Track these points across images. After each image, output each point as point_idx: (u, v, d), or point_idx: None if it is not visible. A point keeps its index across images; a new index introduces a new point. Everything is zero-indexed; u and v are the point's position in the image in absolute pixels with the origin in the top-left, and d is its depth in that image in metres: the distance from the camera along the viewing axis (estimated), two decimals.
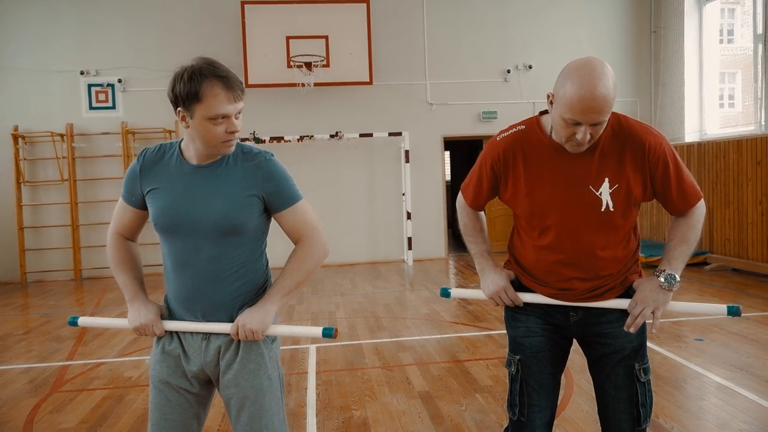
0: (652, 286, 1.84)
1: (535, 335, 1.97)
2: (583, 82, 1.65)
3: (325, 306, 6.71)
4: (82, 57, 9.34)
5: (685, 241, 1.87)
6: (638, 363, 1.92)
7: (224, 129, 1.71)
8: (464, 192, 2.10)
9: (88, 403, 3.89)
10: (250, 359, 1.84)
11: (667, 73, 9.80)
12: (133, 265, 1.93)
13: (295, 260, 1.85)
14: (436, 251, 10.07)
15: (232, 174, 1.79)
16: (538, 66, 9.97)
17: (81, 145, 9.36)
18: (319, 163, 9.75)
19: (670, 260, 1.86)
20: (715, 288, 6.84)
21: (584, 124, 1.69)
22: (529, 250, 1.95)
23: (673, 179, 1.83)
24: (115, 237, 1.93)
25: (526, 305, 1.98)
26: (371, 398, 3.80)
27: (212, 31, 9.40)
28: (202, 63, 1.72)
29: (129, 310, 1.88)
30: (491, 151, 1.95)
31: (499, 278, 1.99)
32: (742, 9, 12.83)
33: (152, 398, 1.87)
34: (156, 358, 1.88)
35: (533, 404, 1.96)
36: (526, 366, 1.97)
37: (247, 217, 1.79)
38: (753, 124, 8.11)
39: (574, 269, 1.88)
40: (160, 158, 1.84)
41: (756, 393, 3.62)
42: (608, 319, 1.92)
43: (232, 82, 1.71)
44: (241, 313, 1.81)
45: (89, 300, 7.63)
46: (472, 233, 2.12)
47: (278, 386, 1.90)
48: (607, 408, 1.96)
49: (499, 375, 4.12)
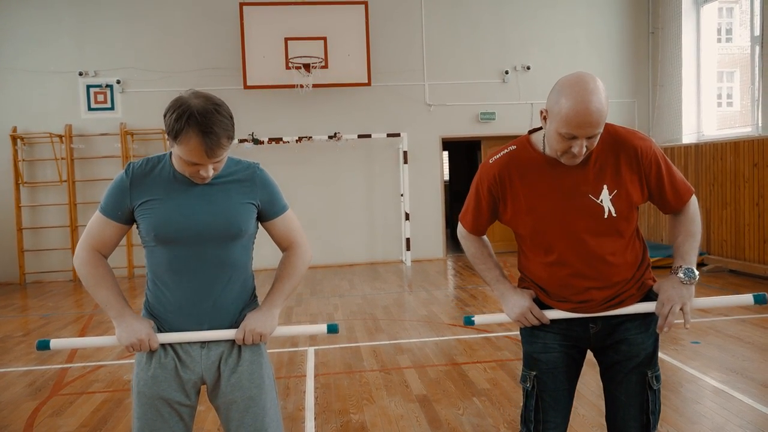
0: (674, 283, 1.86)
1: (552, 351, 1.97)
2: (577, 97, 1.69)
3: (324, 307, 6.73)
4: (81, 58, 9.35)
5: (691, 234, 1.91)
6: (651, 370, 1.94)
7: (197, 170, 1.76)
8: (463, 220, 2.09)
9: (87, 406, 3.91)
10: (253, 360, 1.90)
11: (665, 74, 9.82)
12: (113, 281, 1.89)
13: (289, 265, 1.99)
14: (435, 252, 10.09)
15: (228, 184, 1.87)
16: (536, 67, 9.99)
17: (80, 146, 9.37)
18: (318, 164, 9.76)
19: (683, 255, 1.89)
20: (712, 289, 6.87)
21: (580, 137, 1.73)
22: (539, 267, 1.96)
23: (666, 179, 1.88)
24: (91, 253, 1.87)
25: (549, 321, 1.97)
26: (369, 402, 3.83)
27: (211, 33, 9.41)
28: (197, 108, 1.67)
29: (117, 327, 1.84)
30: (486, 174, 1.96)
31: (522, 299, 1.96)
32: (740, 8, 12.85)
33: (141, 414, 1.84)
34: (150, 374, 1.85)
35: (548, 420, 1.97)
36: (542, 382, 1.97)
37: (247, 222, 1.88)
38: (750, 125, 8.14)
39: (588, 280, 1.89)
40: (150, 171, 1.85)
41: (751, 397, 3.65)
42: (626, 327, 1.94)
43: (214, 141, 1.68)
44: (246, 318, 1.88)
45: (88, 302, 7.64)
46: (482, 260, 2.09)
47: (274, 385, 1.98)
48: (616, 414, 1.97)
49: (497, 378, 4.14)
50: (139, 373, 1.87)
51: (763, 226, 7.42)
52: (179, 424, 1.88)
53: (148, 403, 1.84)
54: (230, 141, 1.74)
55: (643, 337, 1.93)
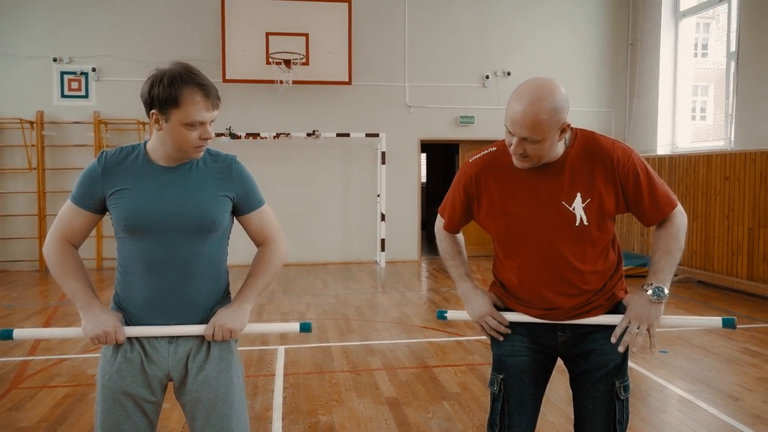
0: (643, 301, 1.85)
1: (520, 354, 1.96)
2: (521, 97, 1.74)
3: (296, 306, 6.67)
4: (56, 43, 9.14)
5: (669, 251, 1.88)
6: (619, 380, 1.94)
7: (198, 135, 1.75)
8: (441, 214, 2.14)
9: (48, 400, 3.81)
10: (222, 358, 1.86)
11: (642, 85, 9.95)
12: (82, 272, 1.86)
13: (263, 261, 1.94)
14: (409, 254, 10.08)
15: (202, 175, 1.84)
16: (517, 73, 10.03)
17: (51, 134, 9.16)
18: (295, 162, 9.69)
19: (656, 272, 1.87)
20: (680, 300, 6.97)
21: (515, 135, 1.76)
22: (509, 271, 1.96)
23: (645, 190, 1.85)
24: (61, 243, 1.84)
25: (513, 324, 1.97)
26: (338, 403, 3.79)
27: (191, 24, 9.27)
28: (182, 69, 1.74)
29: (84, 318, 1.80)
30: (464, 173, 1.99)
31: (482, 303, 1.99)
32: (717, 24, 13.08)
33: (105, 408, 1.81)
34: (115, 368, 1.81)
35: (513, 425, 1.96)
36: (509, 386, 1.96)
37: (221, 215, 1.84)
38: (723, 139, 8.29)
39: (557, 286, 1.89)
40: (122, 160, 1.82)
41: (716, 407, 3.69)
42: (594, 337, 1.93)
43: (210, 90, 1.75)
44: (217, 314, 1.84)
45: (54, 292, 7.47)
46: (451, 256, 2.14)
47: (243, 384, 1.93)
48: (584, 423, 1.97)
49: (467, 382, 4.14)
50: (104, 366, 1.83)
51: (731, 238, 7.56)
52: (143, 420, 1.83)
53: (112, 397, 1.79)
54: (219, 95, 1.79)
55: (612, 347, 1.92)
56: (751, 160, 7.27)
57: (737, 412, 3.61)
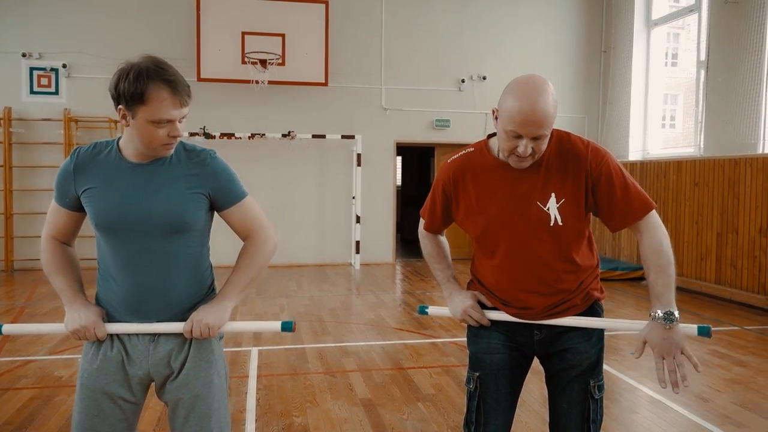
0: (660, 333, 1.77)
1: (496, 352, 1.97)
2: (524, 96, 1.70)
3: (270, 308, 6.61)
4: (25, 38, 8.93)
5: (661, 270, 1.79)
6: (593, 380, 1.95)
7: (166, 133, 1.68)
8: (423, 216, 2.14)
9: (13, 403, 3.71)
10: (202, 357, 1.81)
11: (615, 92, 10.11)
12: (71, 268, 1.85)
13: (246, 256, 1.85)
14: (384, 256, 10.08)
15: (176, 172, 1.76)
16: (492, 77, 10.11)
17: (19, 131, 8.94)
18: (270, 163, 9.62)
19: (658, 297, 1.79)
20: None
21: (525, 137, 1.73)
22: (486, 270, 1.98)
23: (618, 191, 1.82)
24: (50, 241, 1.85)
25: (491, 322, 1.99)
26: (313, 404, 3.76)
27: (165, 21, 9.15)
28: (150, 63, 1.64)
29: (67, 313, 1.79)
30: (442, 174, 2.01)
31: (465, 299, 2.00)
32: (686, 35, 13.35)
33: (82, 407, 1.77)
34: (94, 366, 1.78)
35: (489, 422, 1.96)
36: (484, 383, 1.97)
37: (194, 214, 1.77)
38: (692, 146, 8.45)
39: (532, 285, 1.89)
40: (95, 156, 1.78)
41: (686, 407, 3.75)
42: (570, 336, 1.94)
43: (179, 86, 1.66)
44: (196, 311, 1.78)
45: (20, 293, 7.29)
46: (436, 259, 2.14)
47: (225, 384, 1.89)
48: (558, 422, 1.98)
49: (442, 384, 4.14)
50: (84, 364, 1.80)
51: (700, 243, 7.71)
52: (121, 422, 1.79)
53: (90, 396, 1.76)
54: (190, 92, 1.70)
55: (587, 346, 1.94)
56: (720, 167, 7.43)
57: (707, 413, 3.68)
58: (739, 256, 7.10)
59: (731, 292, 7.08)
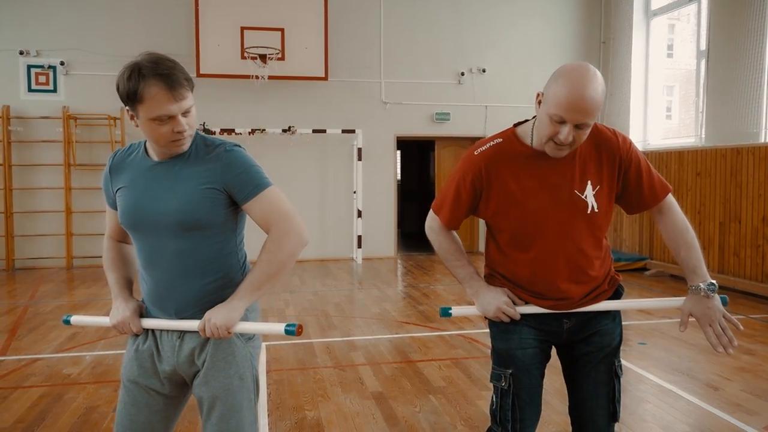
0: (704, 302, 1.86)
1: (528, 347, 1.93)
2: (574, 81, 1.67)
3: (275, 303, 6.60)
4: (22, 36, 8.87)
5: (690, 245, 1.90)
6: (617, 360, 1.99)
7: (170, 129, 1.65)
8: (438, 212, 1.99)
9: (23, 401, 3.69)
10: (219, 357, 1.78)
11: (615, 83, 10.09)
12: (122, 265, 1.92)
13: (264, 252, 1.74)
14: (386, 250, 10.07)
15: (192, 168, 1.72)
16: (492, 70, 10.09)
17: (18, 129, 8.89)
18: (271, 158, 9.56)
19: (695, 270, 1.88)
20: (654, 293, 7.08)
21: (569, 123, 1.69)
22: (522, 265, 1.90)
23: (644, 175, 1.89)
24: (107, 240, 1.96)
25: (521, 316, 1.93)
26: (324, 398, 3.75)
27: (164, 17, 9.09)
28: (144, 60, 1.61)
29: (112, 308, 1.86)
30: (471, 166, 1.88)
31: (498, 295, 1.91)
32: (684, 25, 13.33)
33: (121, 398, 1.84)
34: (129, 356, 1.84)
35: (525, 419, 1.92)
36: (518, 380, 1.91)
37: (207, 211, 1.71)
38: (693, 136, 8.45)
39: (571, 275, 1.88)
40: (127, 157, 1.83)
41: (698, 396, 3.76)
42: (598, 319, 1.95)
43: (174, 80, 1.60)
44: (209, 310, 1.73)
45: (23, 291, 7.26)
46: (455, 256, 2.01)
47: (251, 387, 1.84)
48: (584, 405, 1.97)
49: (452, 376, 4.13)
50: (125, 356, 1.87)
51: (703, 233, 7.71)
52: (156, 414, 1.81)
53: (126, 386, 1.83)
54: (190, 83, 1.65)
55: (613, 326, 1.98)
56: (722, 156, 7.43)
57: (718, 401, 3.68)
58: (742, 245, 7.11)
59: (735, 281, 7.09)
